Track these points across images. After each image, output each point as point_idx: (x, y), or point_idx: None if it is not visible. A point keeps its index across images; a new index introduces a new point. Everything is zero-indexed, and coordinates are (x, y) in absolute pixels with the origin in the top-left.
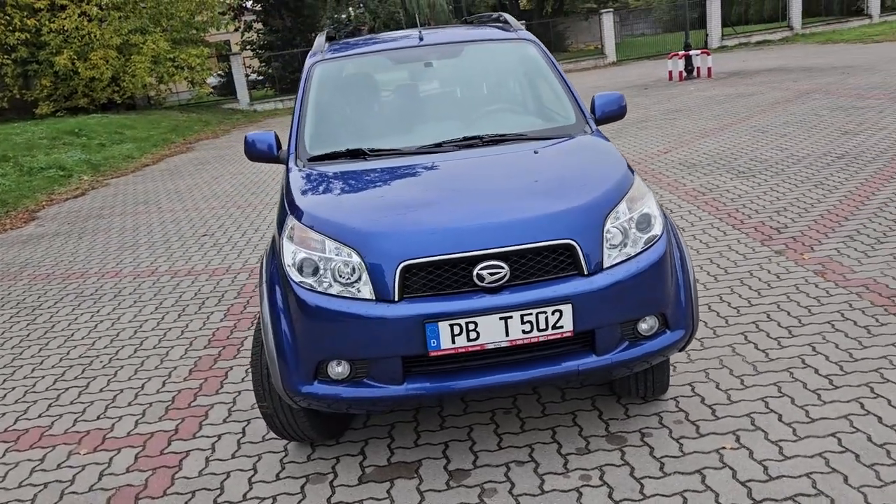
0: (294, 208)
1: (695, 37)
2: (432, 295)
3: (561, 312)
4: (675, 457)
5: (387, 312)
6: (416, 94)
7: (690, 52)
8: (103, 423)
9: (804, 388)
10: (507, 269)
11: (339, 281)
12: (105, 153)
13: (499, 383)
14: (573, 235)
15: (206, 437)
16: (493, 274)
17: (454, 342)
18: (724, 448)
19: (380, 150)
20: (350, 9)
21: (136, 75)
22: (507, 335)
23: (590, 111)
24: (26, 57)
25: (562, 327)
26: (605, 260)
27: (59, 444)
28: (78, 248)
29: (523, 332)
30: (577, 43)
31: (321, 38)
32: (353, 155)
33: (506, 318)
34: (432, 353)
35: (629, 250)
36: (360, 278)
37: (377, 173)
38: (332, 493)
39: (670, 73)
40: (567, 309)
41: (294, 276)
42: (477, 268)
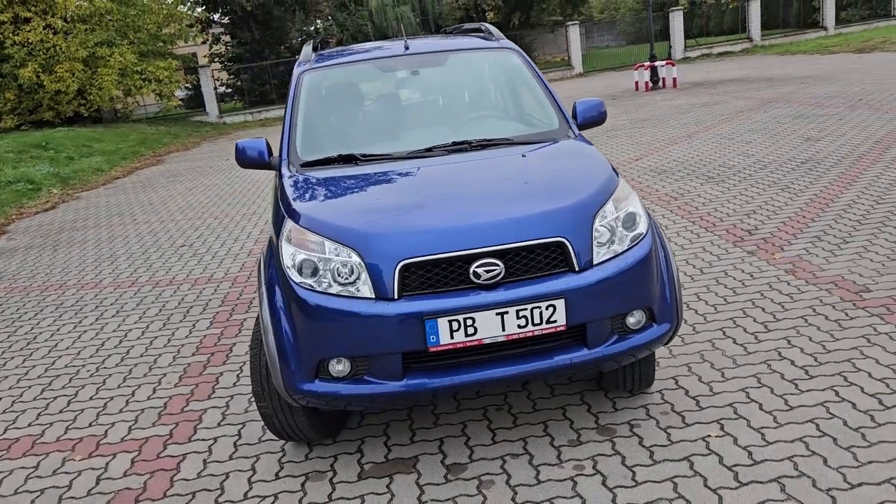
0: (291, 212)
1: (659, 48)
2: (430, 292)
3: (554, 307)
4: (664, 445)
5: (387, 310)
6: (404, 101)
7: (656, 63)
8: (96, 430)
9: (782, 378)
10: (502, 266)
11: (339, 281)
12: (74, 166)
13: (495, 377)
14: (564, 233)
15: (202, 441)
16: (488, 271)
17: (452, 337)
18: (709, 436)
19: (371, 155)
20: (319, 21)
21: (103, 88)
22: (503, 330)
23: (571, 117)
24: None
25: (555, 322)
26: (595, 257)
27: (53, 452)
28: (54, 260)
29: (518, 326)
30: (543, 55)
31: (308, 48)
32: (344, 160)
33: (502, 314)
34: (432, 349)
35: (616, 247)
36: (359, 278)
37: (371, 177)
38: (333, 489)
39: (636, 83)
40: (560, 304)
41: (294, 277)
42: (473, 266)
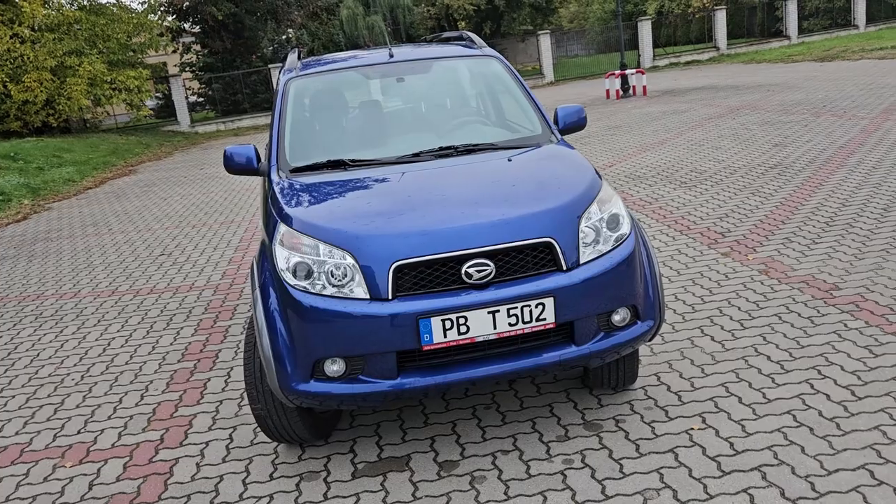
0: (284, 216)
1: (628, 57)
2: (424, 293)
3: (544, 305)
4: (649, 439)
5: (382, 310)
6: (390, 107)
7: (626, 72)
8: (85, 437)
9: (759, 373)
10: (493, 266)
11: (333, 282)
12: (44, 177)
13: (486, 375)
14: (552, 234)
15: (194, 445)
16: (480, 271)
17: (446, 336)
18: (692, 429)
19: (359, 160)
20: (290, 30)
21: (72, 98)
22: (494, 328)
23: (553, 122)
24: None
25: (545, 319)
26: (581, 257)
27: (42, 459)
28: (29, 270)
29: (509, 324)
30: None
31: (293, 55)
32: (333, 166)
33: (493, 312)
34: (426, 348)
35: (601, 247)
36: (352, 279)
37: (361, 181)
38: (328, 488)
39: (607, 91)
40: (549, 302)
41: (289, 280)
42: (465, 266)
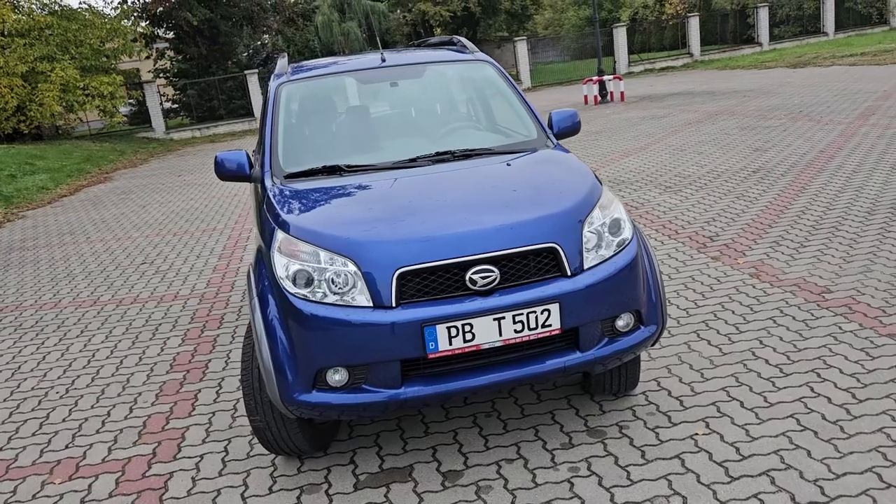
0: (281, 222)
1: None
2: (428, 300)
3: (549, 311)
4: (654, 445)
5: (386, 318)
6: (384, 112)
7: (604, 78)
8: (73, 452)
9: (759, 377)
10: (498, 272)
11: (334, 290)
12: (17, 185)
13: (491, 382)
14: (556, 239)
15: (188, 458)
16: (484, 277)
17: (451, 344)
18: (696, 434)
19: (355, 166)
20: (266, 36)
21: (44, 104)
22: (500, 335)
23: (548, 126)
24: None
25: (550, 325)
26: (585, 262)
27: (30, 476)
28: (5, 280)
29: (515, 331)
30: None
31: (283, 60)
32: (328, 171)
33: (499, 319)
34: (431, 356)
35: (604, 252)
36: (354, 286)
37: (359, 187)
38: (330, 500)
39: (585, 97)
40: (555, 308)
41: (289, 288)
42: (469, 272)
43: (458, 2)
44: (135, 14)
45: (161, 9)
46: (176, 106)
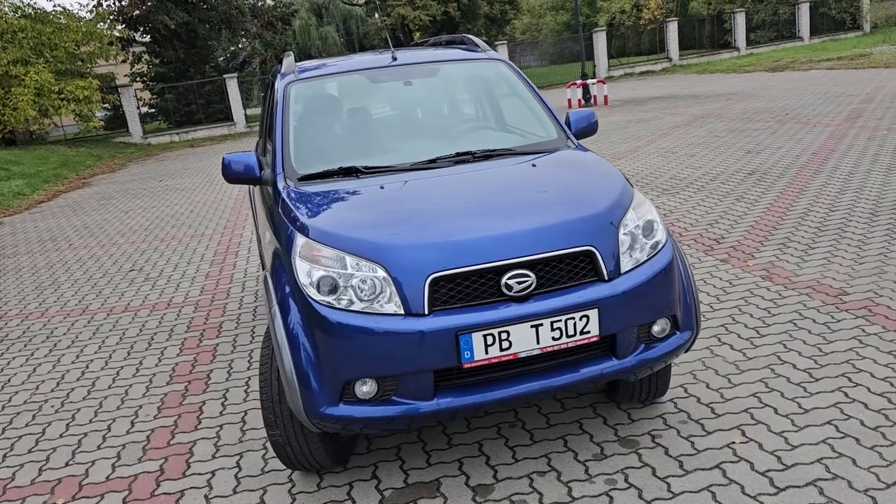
0: (301, 226)
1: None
2: (462, 306)
3: (588, 318)
4: (691, 454)
5: (419, 326)
6: (399, 112)
7: (588, 81)
8: (75, 470)
9: (788, 381)
10: (534, 277)
11: (361, 297)
12: None
13: (527, 392)
14: (593, 242)
15: (199, 475)
16: (520, 283)
17: (487, 353)
18: (733, 443)
19: (372, 167)
20: (245, 40)
21: (17, 108)
22: (538, 343)
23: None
24: None
25: (589, 332)
26: (621, 265)
27: (30, 496)
28: None
29: (553, 339)
30: None
31: (289, 59)
32: (345, 173)
33: (536, 326)
34: (466, 365)
35: (638, 256)
36: (383, 293)
37: (378, 189)
38: None
39: (570, 101)
40: (594, 314)
41: (313, 295)
42: (505, 277)
43: (438, 6)
44: (111, 17)
45: (137, 12)
46: (153, 110)
